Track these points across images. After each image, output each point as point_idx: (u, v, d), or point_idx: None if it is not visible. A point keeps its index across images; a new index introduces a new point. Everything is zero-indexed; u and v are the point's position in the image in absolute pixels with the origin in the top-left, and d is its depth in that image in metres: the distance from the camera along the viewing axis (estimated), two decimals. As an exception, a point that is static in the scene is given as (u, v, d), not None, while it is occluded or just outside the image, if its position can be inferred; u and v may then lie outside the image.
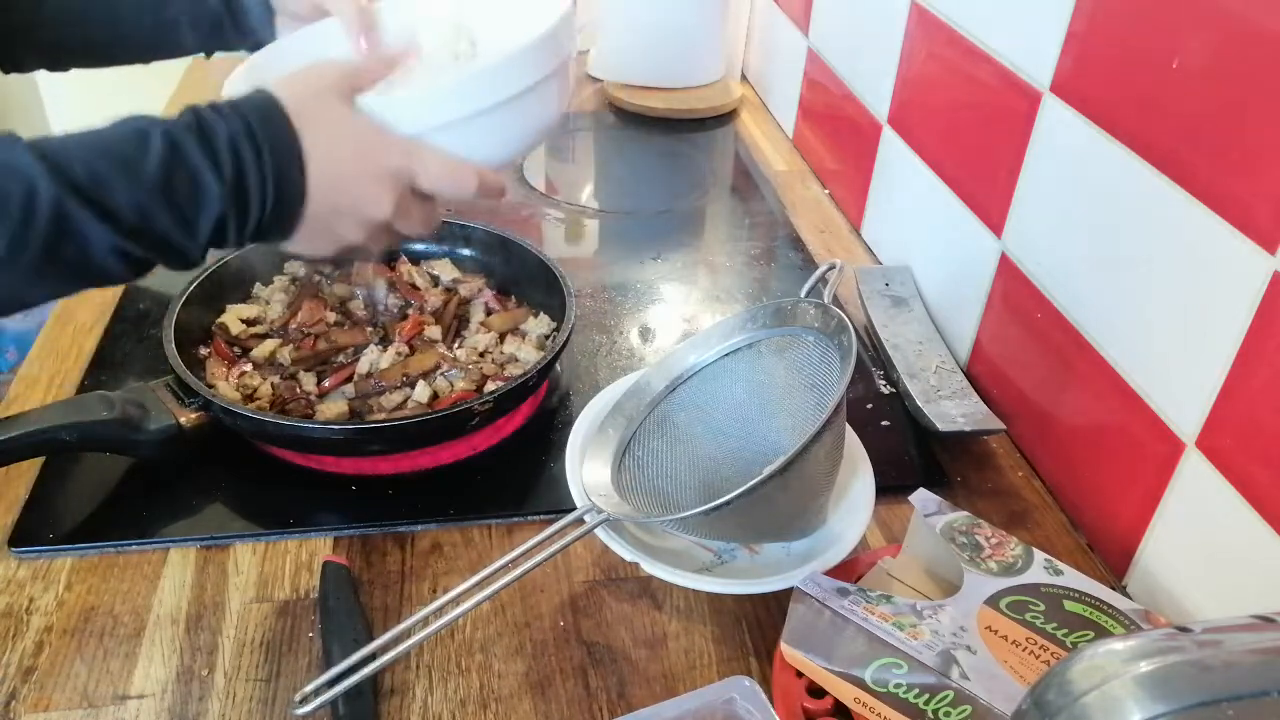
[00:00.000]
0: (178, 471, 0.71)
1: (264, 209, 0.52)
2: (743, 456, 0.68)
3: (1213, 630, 0.34)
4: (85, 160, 0.49)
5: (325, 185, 0.54)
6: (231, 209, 0.52)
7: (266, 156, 0.52)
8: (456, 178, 0.57)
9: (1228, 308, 0.57)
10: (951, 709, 0.50)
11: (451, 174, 0.57)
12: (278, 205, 0.53)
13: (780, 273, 1.03)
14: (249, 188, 0.52)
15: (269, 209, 0.53)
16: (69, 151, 0.49)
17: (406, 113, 0.57)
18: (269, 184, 0.52)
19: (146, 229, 0.50)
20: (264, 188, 0.52)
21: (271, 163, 0.52)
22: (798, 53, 1.27)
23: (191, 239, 0.52)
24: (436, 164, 0.57)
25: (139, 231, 0.50)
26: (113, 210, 0.49)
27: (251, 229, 0.53)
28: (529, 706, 0.58)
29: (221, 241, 0.53)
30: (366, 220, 0.56)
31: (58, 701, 0.57)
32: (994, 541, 0.60)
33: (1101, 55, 0.68)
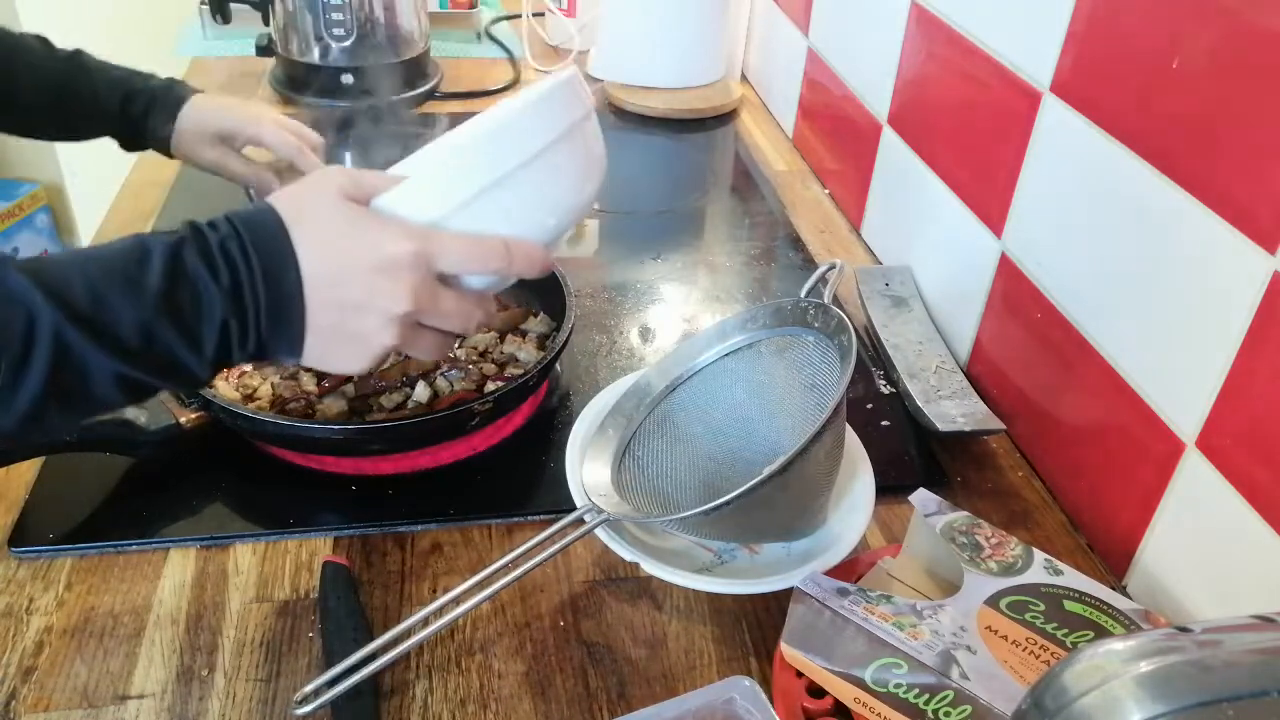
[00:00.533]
0: (178, 471, 0.71)
1: (258, 310, 0.50)
2: (743, 456, 0.68)
3: (1213, 630, 0.34)
4: (85, 282, 0.47)
5: (325, 282, 0.51)
6: (232, 315, 0.50)
7: (252, 253, 0.50)
8: (480, 249, 0.53)
9: (1228, 308, 0.57)
10: (951, 709, 0.50)
11: (474, 248, 0.53)
12: (272, 307, 0.50)
13: (780, 273, 1.03)
14: (243, 287, 0.49)
15: (263, 308, 0.50)
16: (67, 274, 0.47)
17: (416, 201, 0.53)
18: (259, 281, 0.50)
19: (151, 350, 0.48)
20: (254, 285, 0.50)
21: (259, 260, 0.50)
22: (798, 53, 1.27)
23: (198, 354, 0.50)
24: (454, 240, 0.53)
25: (143, 354, 0.48)
26: (115, 335, 0.47)
27: (254, 337, 0.51)
28: (529, 706, 0.58)
29: (228, 354, 0.51)
30: (386, 315, 0.52)
31: (58, 701, 0.57)
32: (994, 541, 0.60)
33: (1101, 55, 0.68)
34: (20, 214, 2.18)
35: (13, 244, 2.17)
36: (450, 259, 0.53)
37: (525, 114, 0.55)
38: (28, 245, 2.21)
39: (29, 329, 0.46)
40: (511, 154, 0.54)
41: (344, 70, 1.27)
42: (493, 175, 0.54)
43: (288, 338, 0.52)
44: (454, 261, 0.53)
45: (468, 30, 1.54)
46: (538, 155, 0.55)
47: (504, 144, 0.54)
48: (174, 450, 0.70)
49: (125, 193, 1.08)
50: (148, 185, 1.09)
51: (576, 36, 1.49)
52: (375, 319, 0.52)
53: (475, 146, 0.54)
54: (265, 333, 0.51)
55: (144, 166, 1.14)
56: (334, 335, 0.52)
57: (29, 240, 2.21)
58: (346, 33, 1.26)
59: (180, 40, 1.48)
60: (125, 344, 0.48)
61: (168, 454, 0.70)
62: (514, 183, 0.55)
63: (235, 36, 1.41)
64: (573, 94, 0.58)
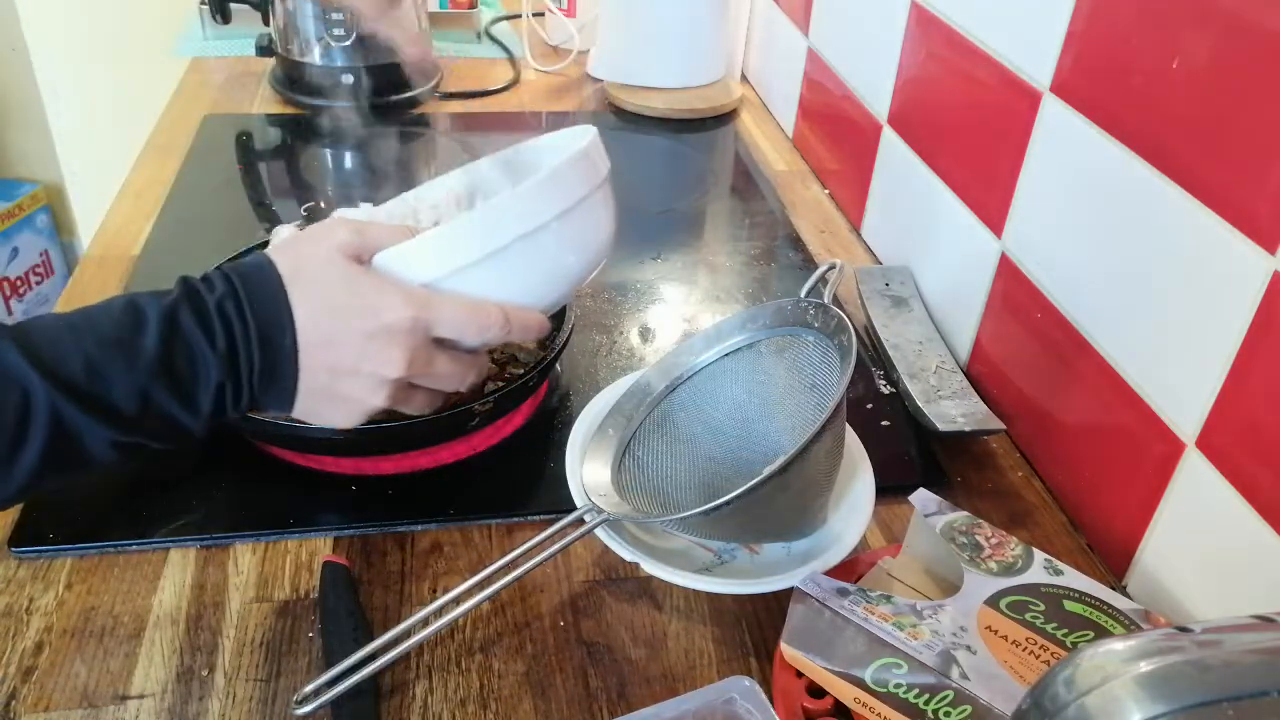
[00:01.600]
0: (178, 471, 0.71)
1: (252, 371, 0.50)
2: (743, 456, 0.68)
3: (1213, 630, 0.34)
4: (80, 353, 0.47)
5: (318, 345, 0.51)
6: (228, 376, 0.50)
7: (249, 316, 0.50)
8: (478, 317, 0.53)
9: (1228, 308, 0.57)
10: (951, 709, 0.50)
11: (471, 314, 0.53)
12: (266, 369, 0.50)
13: (780, 273, 1.03)
14: (238, 350, 0.50)
15: (257, 371, 0.50)
16: (61, 346, 0.47)
17: (416, 261, 0.53)
18: (254, 345, 0.50)
19: (147, 414, 0.49)
20: (249, 349, 0.50)
21: (255, 323, 0.50)
22: (798, 53, 1.27)
23: (194, 415, 0.50)
24: (452, 307, 0.53)
25: (139, 420, 0.49)
26: (110, 404, 0.48)
27: (246, 396, 0.51)
28: (529, 706, 0.58)
29: (222, 412, 0.51)
30: (378, 380, 0.52)
31: (58, 701, 0.57)
32: (994, 541, 0.60)
33: (1101, 55, 0.68)
34: (20, 214, 2.18)
35: (13, 244, 2.17)
36: (448, 326, 0.53)
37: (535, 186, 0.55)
38: (28, 245, 2.21)
39: (24, 406, 0.46)
40: (517, 224, 0.54)
41: (344, 70, 1.27)
42: (497, 243, 0.54)
43: (280, 397, 0.53)
44: (451, 328, 0.54)
45: (468, 30, 1.54)
46: (545, 226, 0.55)
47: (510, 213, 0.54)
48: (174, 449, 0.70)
49: (125, 193, 1.08)
50: (148, 185, 1.09)
51: (576, 36, 1.49)
52: (367, 383, 0.53)
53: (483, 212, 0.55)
54: (258, 392, 0.52)
55: (144, 167, 1.14)
56: (326, 395, 0.53)
57: (29, 240, 2.22)
58: (346, 33, 1.26)
59: (180, 40, 1.48)
60: (121, 412, 0.48)
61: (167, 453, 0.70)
62: (518, 252, 0.54)
63: (235, 36, 1.41)
64: (589, 165, 0.58)
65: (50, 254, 2.28)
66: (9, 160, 2.24)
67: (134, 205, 1.06)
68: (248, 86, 1.35)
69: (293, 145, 1.24)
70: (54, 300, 1.41)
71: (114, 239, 0.99)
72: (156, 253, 0.96)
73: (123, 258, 0.96)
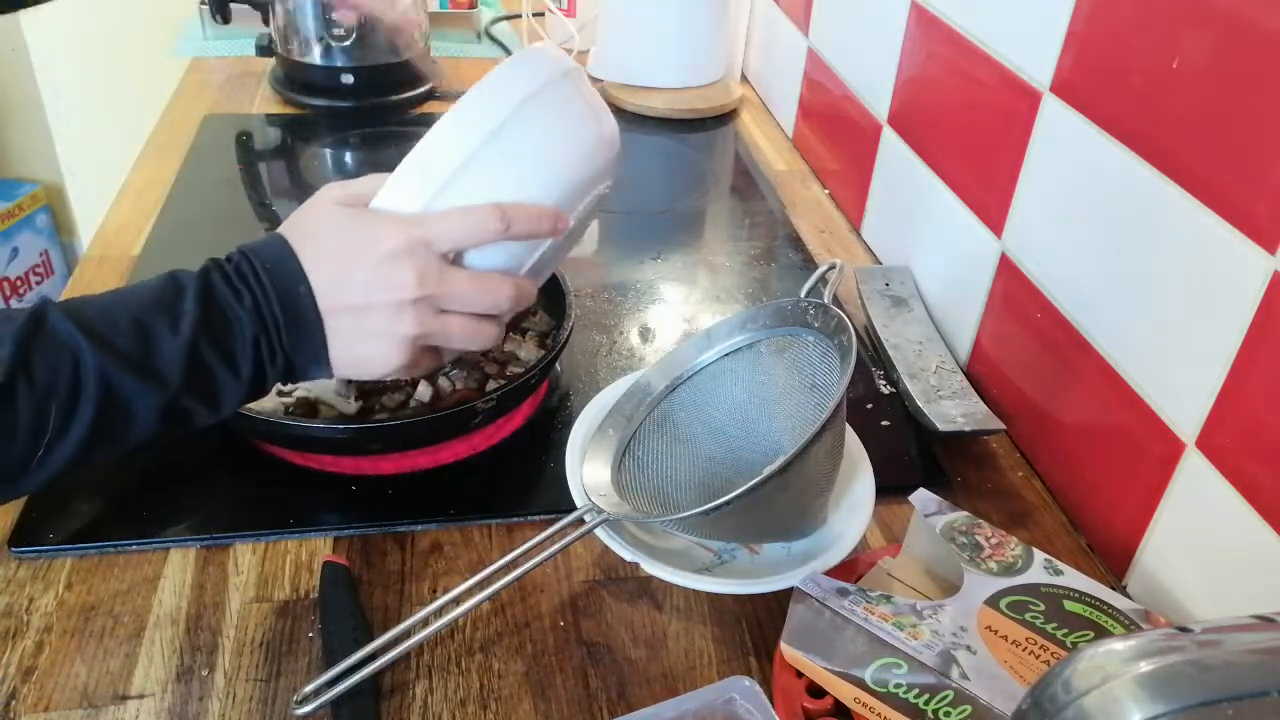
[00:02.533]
0: (178, 471, 0.71)
1: (279, 326, 0.53)
2: (743, 456, 0.68)
3: (1213, 630, 0.34)
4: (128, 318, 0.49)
5: (331, 287, 0.53)
6: (260, 332, 0.52)
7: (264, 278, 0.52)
8: (474, 219, 0.54)
9: (1228, 308, 0.57)
10: (951, 709, 0.50)
11: (464, 217, 0.54)
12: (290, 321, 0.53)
13: (780, 273, 1.03)
14: (263, 310, 0.52)
15: (283, 325, 0.53)
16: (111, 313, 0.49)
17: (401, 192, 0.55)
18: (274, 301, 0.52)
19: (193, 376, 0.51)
20: (271, 305, 0.52)
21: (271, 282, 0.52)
22: (798, 53, 1.27)
23: (235, 376, 0.52)
24: (443, 216, 0.54)
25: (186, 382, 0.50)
26: (158, 367, 0.49)
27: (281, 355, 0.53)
28: (529, 706, 0.58)
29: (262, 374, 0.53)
30: (396, 306, 0.53)
31: (58, 701, 0.57)
32: (994, 541, 0.60)
33: (1101, 55, 0.68)
34: (20, 214, 2.18)
35: (13, 244, 2.17)
36: (444, 235, 0.54)
37: (483, 87, 0.57)
38: (28, 245, 2.21)
39: (75, 374, 0.47)
40: (479, 127, 0.55)
41: (344, 70, 1.27)
42: (466, 150, 0.55)
43: (310, 349, 0.54)
44: (449, 236, 0.54)
45: (468, 30, 1.54)
46: (511, 118, 0.56)
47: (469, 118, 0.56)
48: (174, 449, 0.70)
49: (125, 193, 1.08)
50: (148, 185, 1.09)
51: (576, 36, 1.49)
52: (388, 313, 0.53)
53: (443, 127, 0.56)
54: (289, 348, 0.53)
55: (144, 167, 1.14)
56: (354, 338, 0.54)
57: (29, 240, 2.22)
58: (346, 33, 1.26)
59: (180, 40, 1.48)
60: (168, 376, 0.50)
61: (167, 453, 0.70)
62: (493, 151, 0.56)
63: (235, 36, 1.41)
64: (544, 56, 0.59)
65: (50, 254, 2.29)
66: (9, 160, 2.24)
67: (134, 205, 1.06)
68: (248, 86, 1.35)
69: (293, 145, 1.24)
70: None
71: (114, 239, 0.99)
72: (156, 253, 0.97)
73: (123, 258, 0.96)
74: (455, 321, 0.56)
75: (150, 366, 0.49)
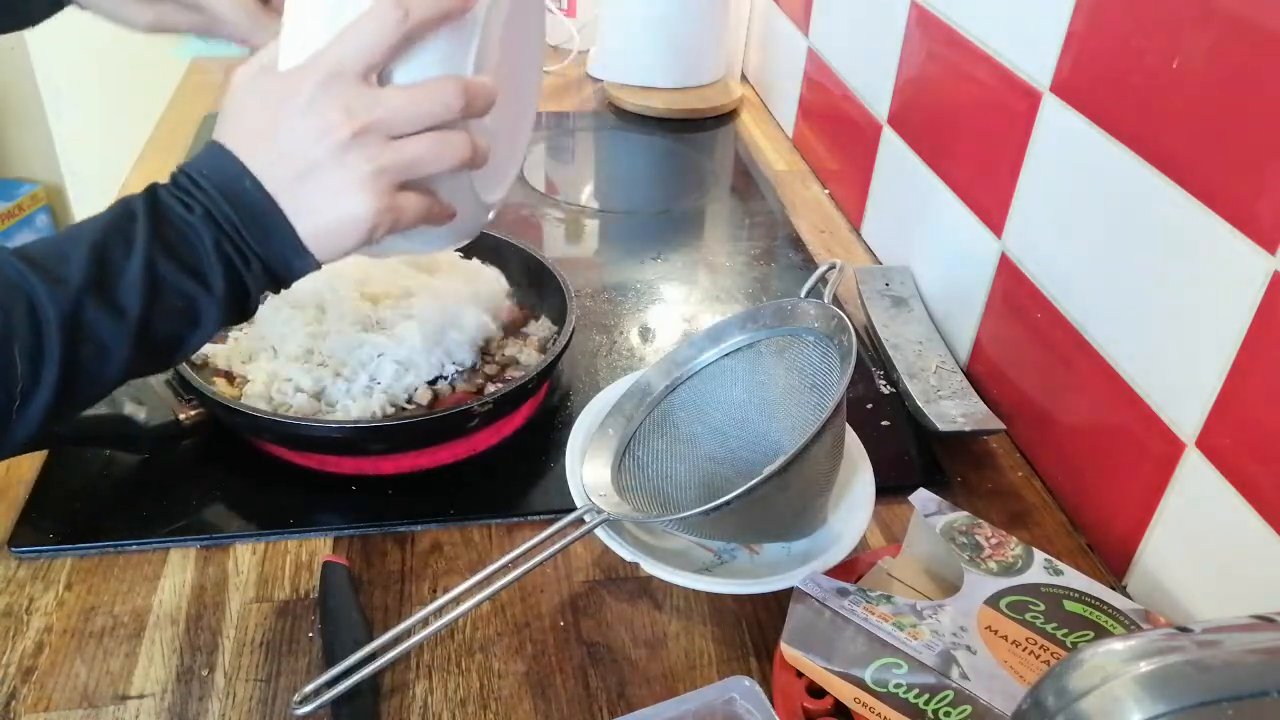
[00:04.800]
0: (178, 471, 0.71)
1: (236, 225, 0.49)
2: (743, 456, 0.68)
3: (1213, 630, 0.34)
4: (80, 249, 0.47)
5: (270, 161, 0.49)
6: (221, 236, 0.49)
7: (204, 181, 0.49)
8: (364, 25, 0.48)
9: (1228, 308, 0.57)
10: (951, 709, 0.50)
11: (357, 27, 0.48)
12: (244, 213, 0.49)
13: (780, 273, 1.03)
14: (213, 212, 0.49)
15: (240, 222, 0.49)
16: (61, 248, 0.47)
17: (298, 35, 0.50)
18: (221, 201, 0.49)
19: (160, 296, 0.48)
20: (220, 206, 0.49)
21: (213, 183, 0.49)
22: (798, 53, 1.27)
23: (208, 289, 0.49)
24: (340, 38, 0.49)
25: (153, 306, 0.48)
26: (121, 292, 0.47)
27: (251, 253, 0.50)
28: (529, 706, 0.58)
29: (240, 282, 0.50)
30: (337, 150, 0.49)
31: (58, 701, 0.57)
32: (994, 541, 0.60)
33: (1101, 55, 0.68)
34: (20, 214, 2.18)
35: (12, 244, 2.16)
36: (348, 55, 0.49)
37: None
38: (28, 245, 2.21)
39: (33, 315, 0.45)
40: None
41: (344, 70, 1.27)
42: None
43: (279, 238, 0.50)
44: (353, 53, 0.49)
45: (468, 30, 1.54)
46: None
47: None
48: (173, 447, 0.70)
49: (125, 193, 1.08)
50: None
51: (576, 36, 1.49)
52: (333, 163, 0.49)
53: None
54: (257, 246, 0.50)
55: (144, 166, 1.14)
56: (317, 207, 0.50)
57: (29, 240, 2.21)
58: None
59: (180, 40, 1.48)
60: (130, 299, 0.47)
61: (167, 451, 0.70)
62: None
63: (235, 36, 1.41)
64: None
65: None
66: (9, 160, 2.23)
67: (134, 205, 1.05)
68: (248, 86, 1.35)
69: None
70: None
71: (114, 239, 0.99)
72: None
73: (123, 258, 0.96)
74: (412, 144, 0.50)
75: (109, 294, 0.46)
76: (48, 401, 0.46)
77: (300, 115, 0.49)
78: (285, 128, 0.49)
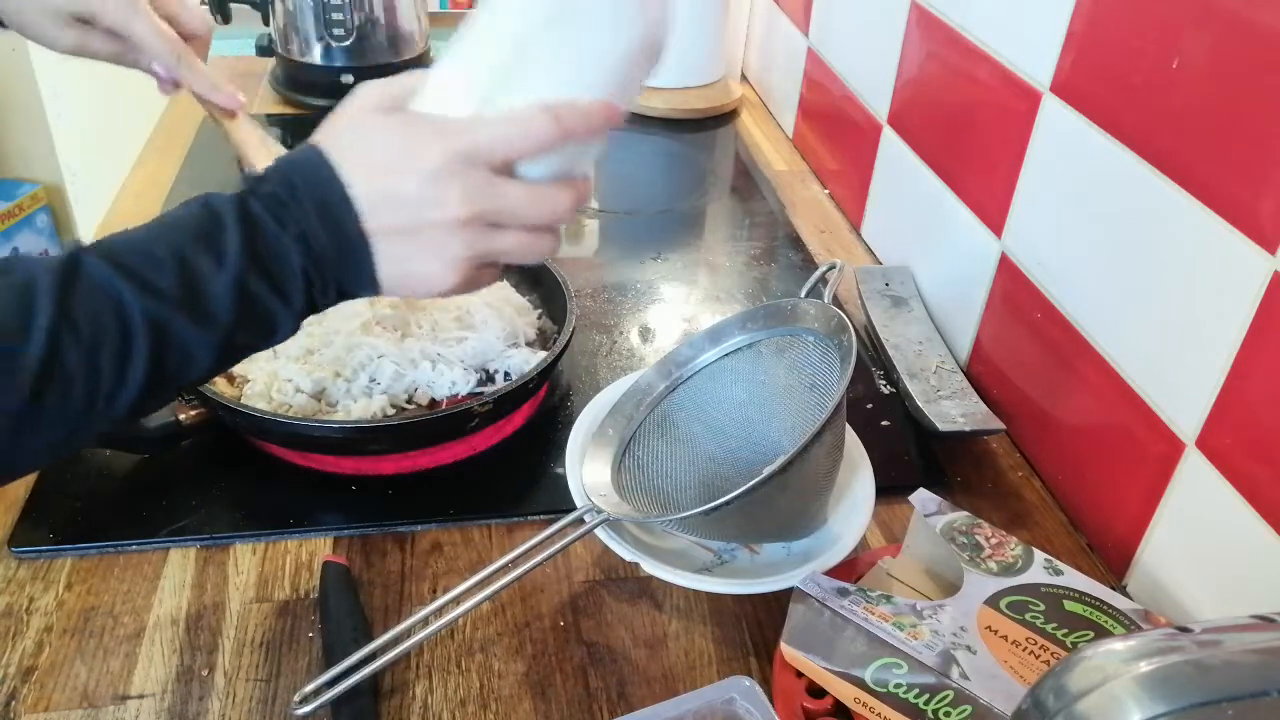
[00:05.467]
0: (178, 471, 0.71)
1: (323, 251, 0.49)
2: (743, 456, 0.68)
3: (1213, 630, 0.34)
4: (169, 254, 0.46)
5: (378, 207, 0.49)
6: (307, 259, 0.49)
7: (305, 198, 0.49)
8: (522, 125, 0.49)
9: (1228, 308, 0.57)
10: (951, 709, 0.50)
11: (512, 125, 0.49)
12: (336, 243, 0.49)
13: (780, 273, 1.03)
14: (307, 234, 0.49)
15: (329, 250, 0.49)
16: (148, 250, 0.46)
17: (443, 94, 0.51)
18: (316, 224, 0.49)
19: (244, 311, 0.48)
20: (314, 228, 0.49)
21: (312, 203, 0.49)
22: (798, 53, 1.27)
23: (288, 307, 0.49)
24: (491, 125, 0.49)
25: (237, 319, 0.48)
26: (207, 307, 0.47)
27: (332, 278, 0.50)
28: (529, 706, 0.58)
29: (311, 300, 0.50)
30: (446, 226, 0.49)
31: (58, 701, 0.57)
32: (994, 541, 0.60)
33: (1101, 55, 0.68)
34: (20, 214, 2.18)
35: (13, 244, 2.16)
36: (491, 145, 0.49)
37: None
38: (28, 245, 2.20)
39: (122, 319, 0.45)
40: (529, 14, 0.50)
41: (344, 70, 1.27)
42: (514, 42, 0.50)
43: (359, 274, 0.50)
44: (495, 146, 0.49)
45: (468, 30, 1.54)
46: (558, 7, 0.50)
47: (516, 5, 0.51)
48: (174, 447, 0.70)
49: (125, 193, 1.09)
50: (148, 185, 1.09)
51: None
52: (438, 234, 0.49)
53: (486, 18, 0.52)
54: (339, 276, 0.50)
55: (144, 166, 1.14)
56: (404, 259, 0.50)
57: (29, 240, 2.21)
58: (346, 33, 1.26)
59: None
60: (220, 312, 0.47)
61: (167, 452, 0.70)
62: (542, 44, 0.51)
63: (235, 36, 1.41)
64: None
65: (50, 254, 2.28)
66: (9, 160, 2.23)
67: (134, 205, 1.06)
68: (248, 86, 1.35)
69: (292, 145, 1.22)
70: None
71: (114, 239, 0.99)
72: (156, 253, 0.96)
73: (123, 258, 0.96)
74: (511, 237, 0.51)
75: (197, 304, 0.47)
76: (131, 400, 0.47)
77: (421, 179, 0.49)
78: (403, 182, 0.49)
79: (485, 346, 0.77)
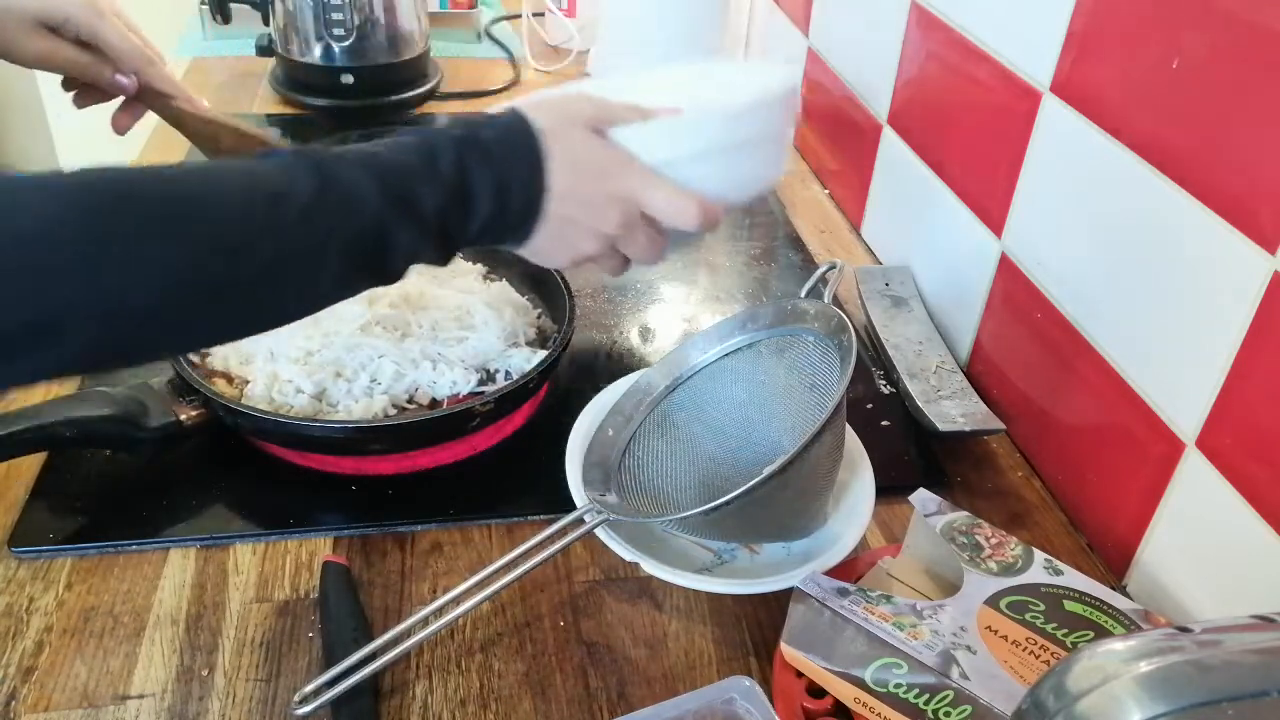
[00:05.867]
0: (178, 471, 0.71)
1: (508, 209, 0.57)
2: (743, 456, 0.68)
3: (1213, 630, 0.34)
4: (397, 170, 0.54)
5: (561, 197, 0.58)
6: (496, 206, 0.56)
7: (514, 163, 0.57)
8: (679, 206, 0.60)
9: (1228, 308, 0.57)
10: (951, 709, 0.50)
11: (675, 201, 0.60)
12: (521, 207, 0.57)
13: (780, 273, 1.03)
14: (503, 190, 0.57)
15: (513, 211, 0.57)
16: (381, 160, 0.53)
17: (646, 142, 0.60)
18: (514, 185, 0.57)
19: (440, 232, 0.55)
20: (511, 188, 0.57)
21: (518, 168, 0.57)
22: (798, 53, 1.27)
23: (463, 239, 0.57)
24: (665, 189, 0.60)
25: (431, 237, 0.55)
26: (421, 215, 0.54)
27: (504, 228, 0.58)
28: (529, 706, 0.58)
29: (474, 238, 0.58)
30: (596, 233, 0.60)
31: (58, 701, 0.57)
32: (994, 541, 0.60)
33: (1101, 55, 0.68)
34: (20, 214, 2.17)
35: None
36: (657, 205, 0.60)
37: (769, 101, 0.63)
38: (28, 245, 2.20)
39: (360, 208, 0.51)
40: (744, 131, 0.62)
41: (344, 70, 1.27)
42: (724, 143, 0.62)
43: (522, 234, 0.59)
44: (658, 207, 0.60)
45: (468, 30, 1.54)
46: (760, 137, 0.63)
47: (744, 121, 0.62)
48: (174, 448, 0.70)
49: (125, 193, 1.08)
50: (148, 185, 1.09)
51: (576, 36, 1.49)
52: (588, 234, 0.60)
53: (723, 114, 0.61)
54: (510, 227, 0.58)
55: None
56: (555, 239, 0.60)
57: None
58: (346, 33, 1.26)
59: (180, 40, 1.48)
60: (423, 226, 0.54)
61: (168, 452, 0.70)
62: (736, 154, 0.62)
63: (235, 36, 1.41)
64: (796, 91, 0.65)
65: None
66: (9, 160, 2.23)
67: (134, 205, 1.05)
68: (248, 86, 1.35)
69: (293, 145, 1.23)
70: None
71: (114, 239, 0.99)
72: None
73: (123, 258, 0.96)
74: (617, 258, 0.63)
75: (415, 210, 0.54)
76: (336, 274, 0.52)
77: (599, 194, 0.59)
78: (586, 188, 0.59)
79: (485, 346, 0.77)
